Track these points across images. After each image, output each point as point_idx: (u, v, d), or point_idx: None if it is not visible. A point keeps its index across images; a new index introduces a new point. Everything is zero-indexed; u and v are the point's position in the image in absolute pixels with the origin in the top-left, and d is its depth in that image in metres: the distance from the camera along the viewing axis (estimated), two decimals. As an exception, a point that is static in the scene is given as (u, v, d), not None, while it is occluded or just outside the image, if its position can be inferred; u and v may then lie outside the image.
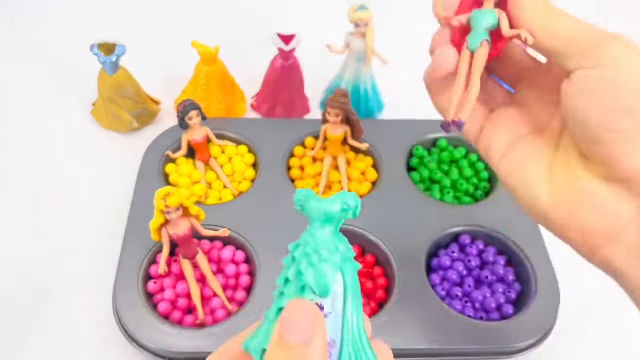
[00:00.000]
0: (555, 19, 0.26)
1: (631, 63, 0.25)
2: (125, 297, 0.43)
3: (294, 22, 0.75)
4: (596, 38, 0.25)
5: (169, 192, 0.40)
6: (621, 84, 0.24)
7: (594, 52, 0.25)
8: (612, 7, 0.85)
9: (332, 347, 0.20)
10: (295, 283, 0.20)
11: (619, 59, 0.25)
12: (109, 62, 0.54)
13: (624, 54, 0.25)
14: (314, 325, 0.19)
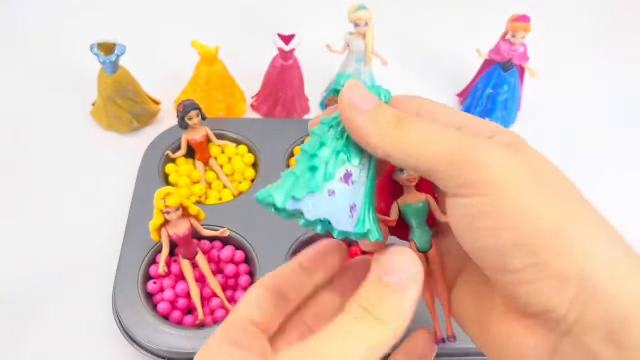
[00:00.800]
0: (409, 131, 0.20)
1: (514, 183, 0.19)
2: (125, 297, 0.43)
3: (294, 22, 0.75)
4: (465, 153, 0.19)
5: (169, 192, 0.40)
6: (506, 215, 0.19)
7: (467, 175, 0.19)
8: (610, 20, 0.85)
9: (354, 211, 0.21)
10: (331, 146, 0.21)
11: (500, 181, 0.19)
12: (108, 61, 0.54)
13: (503, 171, 0.19)
14: (416, 273, 0.20)
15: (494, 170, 0.19)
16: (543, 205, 0.19)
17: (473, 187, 0.19)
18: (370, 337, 0.19)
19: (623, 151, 0.63)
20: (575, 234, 0.19)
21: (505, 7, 0.62)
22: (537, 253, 0.19)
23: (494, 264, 0.20)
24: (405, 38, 0.65)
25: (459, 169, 0.19)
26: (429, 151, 0.20)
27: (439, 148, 0.20)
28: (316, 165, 0.21)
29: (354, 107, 0.21)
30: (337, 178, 0.21)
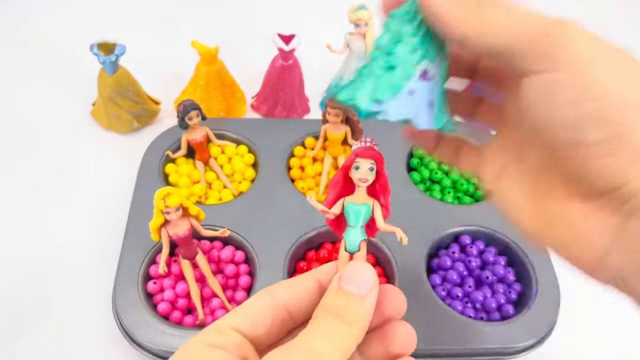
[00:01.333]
0: (489, 11, 0.21)
1: (598, 57, 0.20)
2: (125, 297, 0.43)
3: (294, 22, 0.75)
4: (548, 29, 0.20)
5: (169, 192, 0.40)
6: (591, 87, 0.19)
7: (550, 49, 0.20)
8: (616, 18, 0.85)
9: (432, 107, 0.23)
10: (408, 43, 0.22)
11: (584, 55, 0.20)
12: (108, 61, 0.54)
13: (587, 47, 0.20)
14: (373, 283, 0.23)
15: (578, 44, 0.20)
16: (627, 81, 0.20)
17: (556, 61, 0.20)
18: (344, 338, 0.21)
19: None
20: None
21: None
22: (616, 125, 0.19)
23: (569, 138, 0.20)
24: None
25: (541, 44, 0.20)
26: (510, 29, 0.21)
27: (521, 25, 0.20)
28: (394, 64, 0.22)
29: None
30: (416, 76, 0.22)
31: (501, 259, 0.48)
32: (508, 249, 0.48)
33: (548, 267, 0.46)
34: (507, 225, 0.49)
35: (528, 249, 0.47)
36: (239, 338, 0.22)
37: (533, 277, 0.46)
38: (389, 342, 0.24)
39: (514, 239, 0.48)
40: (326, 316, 0.22)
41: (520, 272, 0.47)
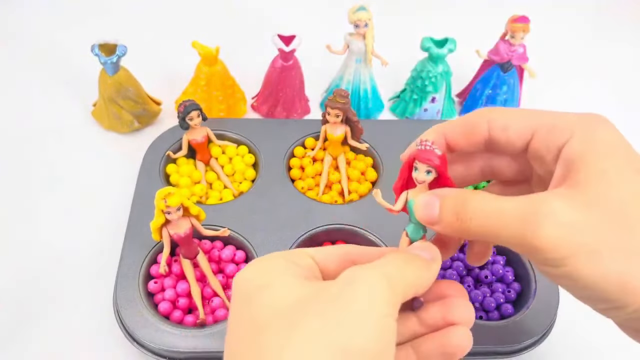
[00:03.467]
0: (470, 225, 0.25)
1: (581, 248, 0.23)
2: (125, 296, 0.43)
3: (294, 23, 0.76)
4: (524, 230, 0.24)
5: (170, 192, 0.40)
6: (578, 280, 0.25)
7: (531, 250, 0.24)
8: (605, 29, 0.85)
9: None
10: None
11: (563, 252, 0.23)
12: (109, 62, 0.54)
13: (564, 238, 0.23)
14: (437, 254, 0.27)
15: (556, 243, 0.23)
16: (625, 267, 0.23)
17: (543, 261, 0.24)
18: (414, 274, 0.25)
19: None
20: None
21: (505, 7, 0.63)
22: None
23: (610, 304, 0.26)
24: (405, 38, 0.66)
25: (525, 246, 0.24)
26: (494, 234, 0.25)
27: (502, 230, 0.25)
28: None
29: (429, 222, 0.27)
30: None
31: (500, 258, 0.48)
32: (507, 248, 0.48)
33: (547, 267, 0.46)
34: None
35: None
36: (311, 262, 0.26)
37: (532, 277, 0.46)
38: (447, 310, 0.27)
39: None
40: (398, 255, 0.26)
41: (519, 271, 0.47)
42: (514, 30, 0.56)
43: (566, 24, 0.81)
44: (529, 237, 0.23)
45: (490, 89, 0.61)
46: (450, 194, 0.27)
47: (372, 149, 0.55)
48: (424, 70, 0.59)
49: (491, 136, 0.29)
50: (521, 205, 0.24)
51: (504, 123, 0.29)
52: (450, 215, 0.26)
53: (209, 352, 0.41)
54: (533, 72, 0.59)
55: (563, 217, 0.24)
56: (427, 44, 0.57)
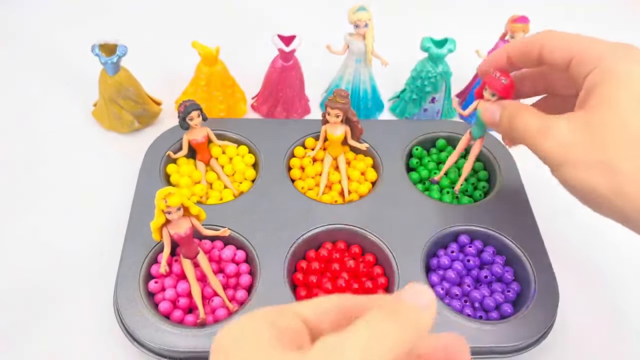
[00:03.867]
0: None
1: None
2: (126, 296, 0.43)
3: (294, 23, 0.76)
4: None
5: (170, 192, 0.40)
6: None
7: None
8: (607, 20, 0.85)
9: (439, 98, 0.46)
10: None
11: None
12: (109, 62, 0.54)
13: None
14: (430, 301, 0.22)
15: (552, 156, 0.36)
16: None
17: (551, 169, 0.37)
18: (397, 334, 0.21)
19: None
20: None
21: (505, 7, 0.63)
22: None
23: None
24: (405, 38, 0.66)
25: (539, 157, 0.37)
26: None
27: (527, 141, 0.37)
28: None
29: (492, 124, 0.42)
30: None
31: (499, 258, 0.48)
32: (506, 248, 0.48)
33: (546, 267, 0.46)
34: (505, 225, 0.49)
35: (527, 248, 0.48)
36: (300, 325, 0.23)
37: (532, 277, 0.46)
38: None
39: (513, 238, 0.48)
40: (380, 313, 0.21)
41: (519, 271, 0.48)
42: (514, 30, 0.56)
43: (567, 23, 0.81)
44: (537, 146, 0.35)
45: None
46: (508, 106, 0.39)
47: (372, 149, 0.55)
48: (423, 71, 0.60)
49: (542, 57, 0.38)
50: (540, 123, 0.36)
51: (551, 47, 0.37)
52: (505, 121, 0.39)
53: (209, 352, 0.41)
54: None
55: (561, 136, 0.34)
56: (427, 44, 0.58)
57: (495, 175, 0.54)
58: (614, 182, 0.32)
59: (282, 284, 0.44)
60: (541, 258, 0.47)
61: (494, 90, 0.42)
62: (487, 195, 0.53)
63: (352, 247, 0.49)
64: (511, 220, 0.50)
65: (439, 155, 0.56)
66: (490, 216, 0.50)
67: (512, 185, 0.45)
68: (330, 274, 0.47)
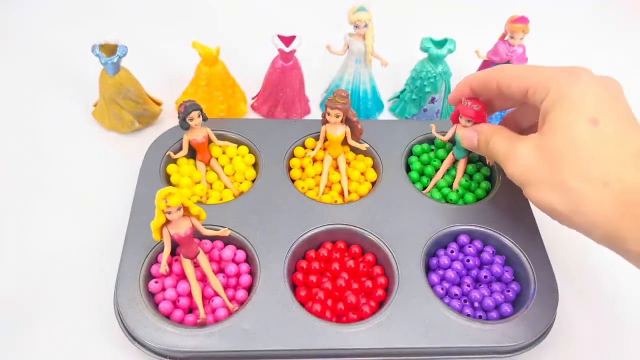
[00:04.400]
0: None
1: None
2: (126, 296, 0.43)
3: (294, 23, 0.76)
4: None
5: (170, 192, 0.40)
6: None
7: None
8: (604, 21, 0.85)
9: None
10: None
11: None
12: (110, 62, 0.54)
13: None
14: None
15: (516, 178, 0.41)
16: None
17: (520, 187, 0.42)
18: None
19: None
20: None
21: (505, 7, 0.63)
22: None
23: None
24: (405, 39, 0.66)
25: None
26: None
27: (499, 162, 0.43)
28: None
29: (471, 148, 0.49)
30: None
31: (499, 258, 0.49)
32: (506, 248, 0.49)
33: (546, 267, 0.46)
34: (505, 225, 0.49)
35: (526, 248, 0.48)
36: None
37: (531, 277, 0.46)
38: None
39: (512, 238, 0.48)
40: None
41: (518, 271, 0.48)
42: (514, 30, 0.56)
43: (566, 24, 0.81)
44: (505, 169, 0.41)
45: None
46: (484, 131, 0.45)
47: (372, 149, 0.55)
48: (423, 71, 0.60)
49: (501, 90, 0.42)
50: (507, 147, 0.40)
51: (506, 82, 0.41)
52: (483, 145, 0.45)
53: (210, 352, 0.41)
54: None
55: (523, 159, 0.38)
56: (427, 45, 0.58)
57: (495, 175, 0.54)
58: (570, 201, 0.35)
59: (282, 284, 0.44)
60: (541, 258, 0.47)
61: (468, 117, 0.47)
62: (487, 195, 0.53)
63: (352, 247, 0.49)
64: (511, 220, 0.50)
65: (438, 154, 0.56)
66: (490, 216, 0.50)
67: (512, 185, 0.45)
68: (330, 273, 0.47)
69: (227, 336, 0.41)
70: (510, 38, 0.57)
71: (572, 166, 0.35)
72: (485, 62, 0.62)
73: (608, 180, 0.34)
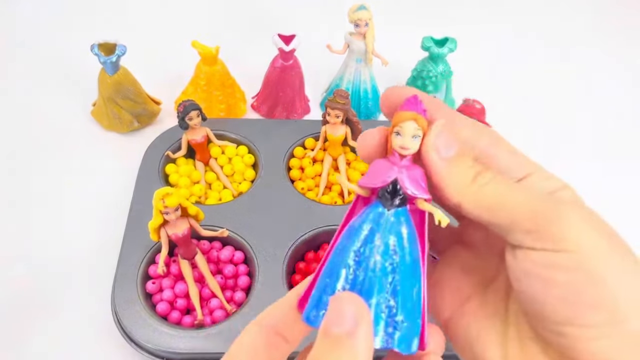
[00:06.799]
0: (486, 186, 0.21)
1: (597, 244, 0.20)
2: (123, 297, 0.43)
3: (294, 22, 0.75)
4: (550, 209, 0.20)
5: (168, 192, 0.40)
6: (588, 273, 0.20)
7: (547, 230, 0.20)
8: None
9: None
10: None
11: (583, 240, 0.20)
12: (109, 62, 0.54)
13: (586, 232, 0.20)
14: (359, 315, 0.19)
15: (578, 229, 0.20)
16: (623, 272, 0.20)
17: (554, 242, 0.20)
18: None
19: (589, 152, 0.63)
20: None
21: (505, 7, 0.62)
22: (613, 312, 0.20)
23: (562, 316, 0.20)
24: (405, 38, 0.65)
25: (540, 224, 0.20)
26: (507, 208, 0.21)
27: (518, 206, 0.21)
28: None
29: (436, 150, 0.22)
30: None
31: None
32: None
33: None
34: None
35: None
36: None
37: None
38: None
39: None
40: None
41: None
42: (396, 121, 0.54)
43: (566, 22, 0.81)
44: (551, 210, 0.22)
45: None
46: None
47: (372, 149, 0.55)
48: (424, 70, 0.59)
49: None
50: None
51: (491, 153, 0.24)
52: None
53: (207, 354, 0.40)
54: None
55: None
56: (428, 44, 0.57)
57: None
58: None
59: (281, 285, 0.44)
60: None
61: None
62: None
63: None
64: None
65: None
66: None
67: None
68: (329, 275, 0.47)
69: (225, 338, 0.41)
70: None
71: None
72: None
73: None
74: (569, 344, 0.20)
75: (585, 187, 0.25)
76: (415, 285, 0.21)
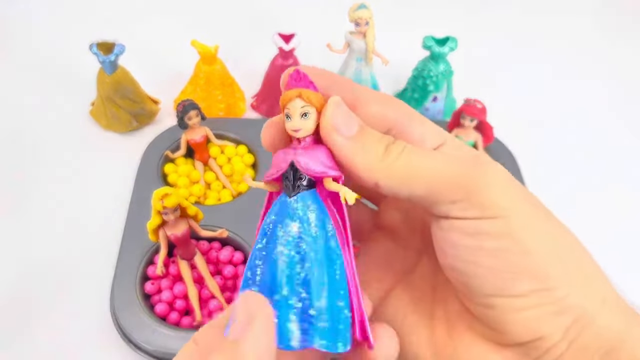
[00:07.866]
0: (399, 158, 0.20)
1: (523, 209, 0.19)
2: (122, 297, 0.42)
3: (294, 21, 0.75)
4: (471, 177, 0.19)
5: (167, 192, 0.40)
6: (517, 239, 0.19)
7: (473, 198, 0.19)
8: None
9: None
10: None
11: (509, 205, 0.19)
12: (107, 61, 0.54)
13: (510, 197, 0.19)
14: (247, 318, 0.17)
15: (503, 194, 0.19)
16: (549, 235, 0.20)
17: (481, 209, 0.19)
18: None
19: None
20: (575, 267, 0.20)
21: (505, 6, 0.62)
22: (543, 279, 0.19)
23: (491, 287, 0.19)
24: (406, 37, 0.65)
25: (464, 192, 0.19)
26: (426, 177, 0.19)
27: (439, 173, 0.19)
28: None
29: (336, 129, 0.19)
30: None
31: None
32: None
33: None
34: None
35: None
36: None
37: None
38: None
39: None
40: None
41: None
42: None
43: (566, 22, 0.80)
44: (475, 175, 0.21)
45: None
46: None
47: (373, 149, 0.55)
48: (425, 69, 0.59)
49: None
50: None
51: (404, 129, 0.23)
52: None
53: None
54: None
55: None
56: (429, 43, 0.57)
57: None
58: None
59: (281, 286, 0.44)
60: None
61: (472, 116, 0.43)
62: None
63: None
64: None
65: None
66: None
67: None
68: (329, 275, 0.47)
69: (224, 339, 0.41)
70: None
71: None
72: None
73: None
74: (497, 316, 0.20)
75: (585, 187, 0.25)
76: (333, 273, 0.19)
